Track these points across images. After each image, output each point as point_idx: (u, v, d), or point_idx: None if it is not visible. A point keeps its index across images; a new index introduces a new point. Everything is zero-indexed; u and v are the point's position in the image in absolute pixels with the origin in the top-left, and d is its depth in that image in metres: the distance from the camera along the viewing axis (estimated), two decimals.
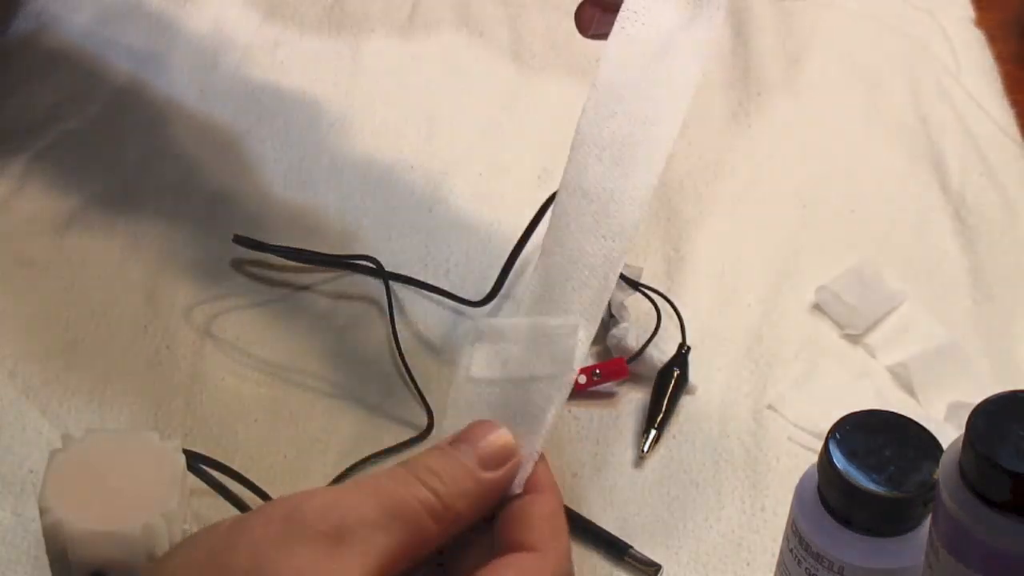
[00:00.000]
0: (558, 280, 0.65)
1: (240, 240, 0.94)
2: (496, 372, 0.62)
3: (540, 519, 0.60)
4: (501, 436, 0.60)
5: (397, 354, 0.90)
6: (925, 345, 0.92)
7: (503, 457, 0.60)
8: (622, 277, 0.93)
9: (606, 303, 0.66)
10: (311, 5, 1.14)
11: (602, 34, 0.73)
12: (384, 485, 0.57)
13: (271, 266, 0.95)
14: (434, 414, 0.86)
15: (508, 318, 0.66)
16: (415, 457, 0.59)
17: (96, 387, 0.88)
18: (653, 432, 0.87)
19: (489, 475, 0.59)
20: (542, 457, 0.62)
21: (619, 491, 0.85)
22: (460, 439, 0.60)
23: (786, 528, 0.72)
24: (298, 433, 0.87)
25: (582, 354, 0.64)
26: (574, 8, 0.78)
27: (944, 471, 0.61)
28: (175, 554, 0.56)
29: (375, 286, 0.94)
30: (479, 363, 0.62)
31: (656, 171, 0.67)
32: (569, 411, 0.88)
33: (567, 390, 0.63)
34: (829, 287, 0.95)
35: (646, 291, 0.94)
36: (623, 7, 0.71)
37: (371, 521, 0.55)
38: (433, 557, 0.60)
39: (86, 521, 0.69)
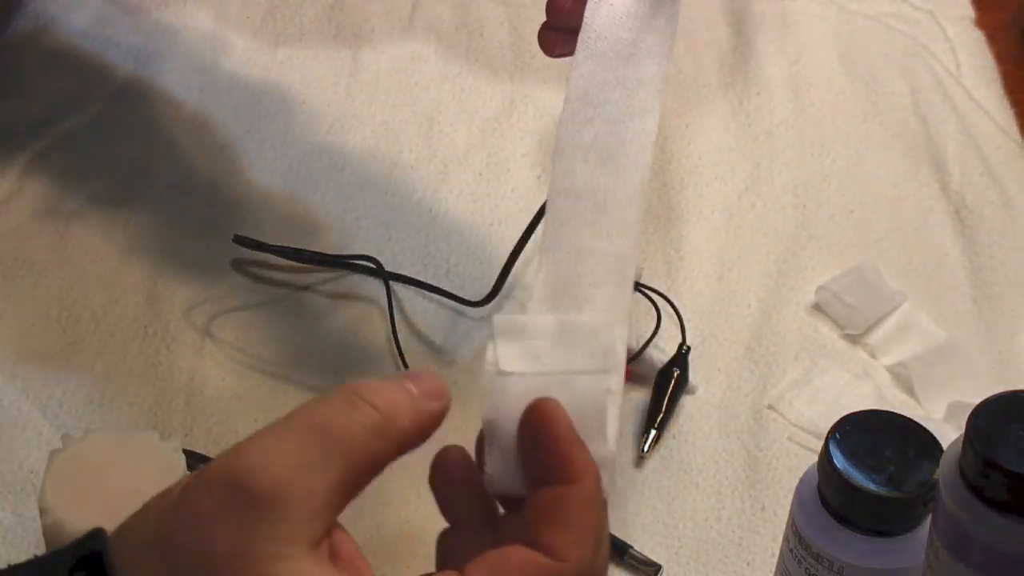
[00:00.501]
0: (569, 278, 0.65)
1: (240, 240, 0.94)
2: (528, 367, 0.60)
3: (566, 519, 0.56)
4: (436, 377, 0.59)
5: (397, 354, 0.90)
6: (925, 345, 0.92)
7: (439, 392, 0.58)
8: None
9: (629, 302, 0.65)
10: (311, 5, 1.14)
11: (568, 53, 0.73)
12: (323, 417, 0.55)
13: (271, 266, 0.95)
14: None
15: (523, 315, 0.64)
16: (357, 382, 0.57)
17: (96, 387, 0.88)
18: (653, 432, 0.87)
19: (427, 405, 0.58)
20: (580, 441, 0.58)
21: (619, 491, 0.85)
22: (401, 375, 0.59)
23: (786, 528, 0.72)
24: None
25: (623, 352, 0.63)
26: None
27: (944, 471, 0.61)
28: (134, 529, 0.56)
29: (375, 286, 0.94)
30: (507, 358, 0.61)
31: (645, 163, 0.68)
32: None
33: (619, 387, 0.61)
34: (829, 287, 0.94)
35: (646, 291, 0.94)
36: (583, 28, 0.71)
37: (311, 465, 0.54)
38: None
39: (86, 521, 0.69)
